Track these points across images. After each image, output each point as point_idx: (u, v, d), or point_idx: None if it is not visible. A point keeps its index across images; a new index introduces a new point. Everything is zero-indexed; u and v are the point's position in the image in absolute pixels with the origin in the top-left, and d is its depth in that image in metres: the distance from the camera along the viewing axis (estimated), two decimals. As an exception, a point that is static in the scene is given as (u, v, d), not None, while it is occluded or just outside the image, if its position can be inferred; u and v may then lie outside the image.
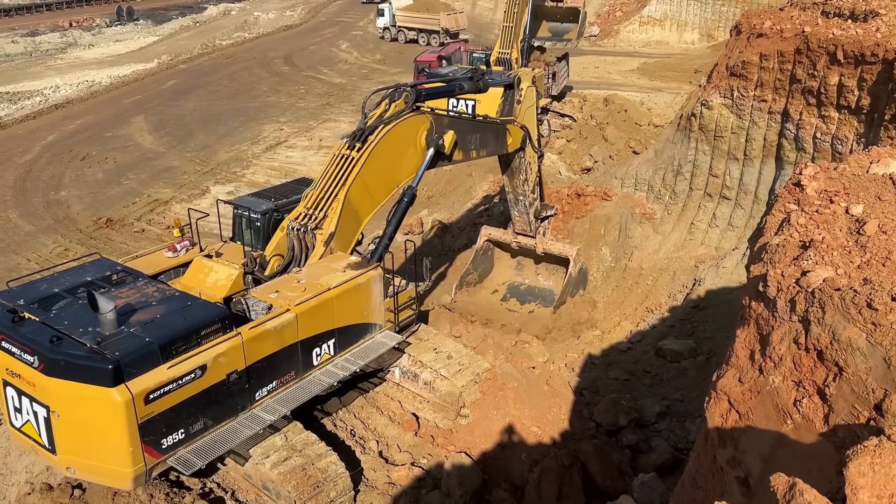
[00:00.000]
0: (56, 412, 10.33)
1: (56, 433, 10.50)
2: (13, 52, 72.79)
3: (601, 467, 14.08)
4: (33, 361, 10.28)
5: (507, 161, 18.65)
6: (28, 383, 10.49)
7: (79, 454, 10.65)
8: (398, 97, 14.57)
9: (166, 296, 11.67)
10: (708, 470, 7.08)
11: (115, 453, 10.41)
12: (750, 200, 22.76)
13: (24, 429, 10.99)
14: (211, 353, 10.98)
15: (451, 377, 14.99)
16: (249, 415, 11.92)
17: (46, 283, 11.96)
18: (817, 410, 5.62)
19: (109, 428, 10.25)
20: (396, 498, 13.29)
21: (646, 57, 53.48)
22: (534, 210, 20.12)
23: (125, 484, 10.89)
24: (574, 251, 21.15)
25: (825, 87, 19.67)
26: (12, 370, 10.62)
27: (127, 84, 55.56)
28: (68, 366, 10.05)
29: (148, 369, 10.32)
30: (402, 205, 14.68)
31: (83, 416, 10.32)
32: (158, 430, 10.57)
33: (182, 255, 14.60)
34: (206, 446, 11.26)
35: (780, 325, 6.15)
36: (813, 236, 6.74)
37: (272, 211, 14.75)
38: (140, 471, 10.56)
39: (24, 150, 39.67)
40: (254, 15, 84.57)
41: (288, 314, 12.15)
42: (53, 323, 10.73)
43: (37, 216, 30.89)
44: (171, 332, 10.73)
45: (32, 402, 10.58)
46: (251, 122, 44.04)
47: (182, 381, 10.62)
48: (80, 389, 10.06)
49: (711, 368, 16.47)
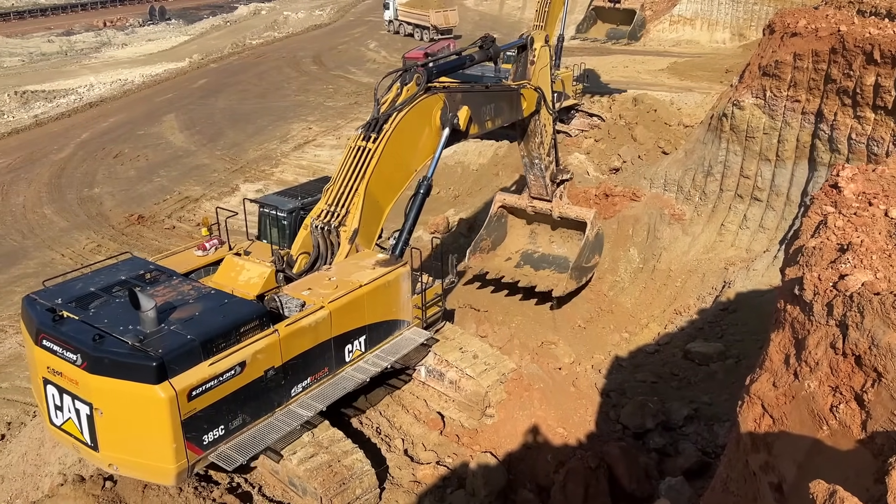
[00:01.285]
0: (99, 409, 10.39)
1: (99, 430, 10.55)
2: (49, 51, 74.20)
3: (628, 470, 13.96)
4: (76, 359, 10.34)
5: (523, 126, 18.21)
6: (70, 381, 10.54)
7: (121, 451, 10.71)
8: (409, 79, 14.21)
9: (202, 294, 11.76)
10: (740, 475, 6.98)
11: (159, 450, 10.46)
12: (782, 202, 22.41)
13: (66, 426, 11.06)
14: (250, 350, 11.05)
15: (477, 377, 14.96)
16: (286, 411, 12.02)
17: (82, 281, 12.08)
18: (854, 416, 5.51)
19: (153, 425, 10.31)
20: (421, 496, 13.30)
21: (676, 56, 52.87)
22: (549, 173, 19.65)
23: (168, 480, 10.94)
24: (591, 214, 20.56)
25: (861, 88, 19.30)
26: (54, 368, 10.69)
27: (159, 83, 56.32)
28: (112, 363, 10.12)
29: (190, 366, 10.38)
30: (418, 197, 14.46)
31: (126, 413, 10.38)
32: (200, 426, 10.64)
33: (212, 254, 14.70)
34: (246, 442, 11.35)
35: (816, 329, 6.04)
36: (851, 239, 6.62)
37: (299, 209, 14.83)
38: (183, 467, 10.63)
39: (59, 148, 40.41)
40: (283, 14, 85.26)
41: (322, 311, 12.23)
42: (93, 321, 10.81)
43: (71, 212, 31.44)
44: (211, 329, 10.81)
45: (74, 399, 10.63)
46: (280, 120, 44.40)
47: (223, 378, 10.69)
48: (123, 387, 10.13)
49: (741, 372, 16.26)
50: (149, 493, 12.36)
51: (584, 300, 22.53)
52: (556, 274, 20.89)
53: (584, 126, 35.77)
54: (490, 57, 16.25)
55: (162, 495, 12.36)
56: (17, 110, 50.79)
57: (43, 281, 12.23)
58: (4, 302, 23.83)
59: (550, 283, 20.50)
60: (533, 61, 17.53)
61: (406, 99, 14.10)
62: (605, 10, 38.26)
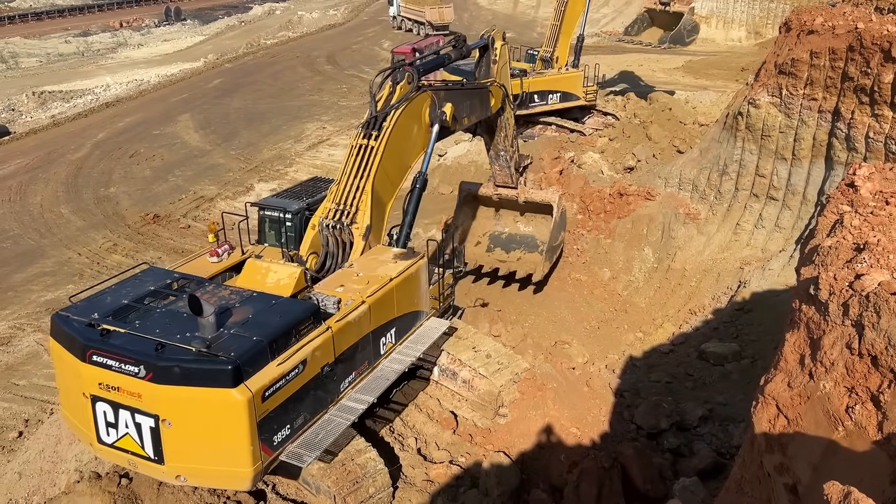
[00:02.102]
0: (167, 420, 10.10)
1: (165, 442, 10.25)
2: (66, 51, 74.96)
3: (641, 470, 13.91)
4: (138, 371, 9.99)
5: (489, 122, 18.79)
6: (131, 395, 10.17)
7: (192, 460, 10.44)
8: (401, 78, 14.56)
9: (245, 297, 11.66)
10: (754, 476, 6.94)
11: (235, 454, 10.27)
12: (798, 201, 22.22)
13: (120, 444, 10.65)
14: (309, 348, 11.05)
15: (490, 376, 14.96)
16: (339, 406, 12.07)
17: (109, 295, 11.72)
18: (871, 417, 5.46)
19: (230, 429, 10.10)
20: (434, 495, 13.31)
21: (691, 55, 52.59)
22: (514, 163, 20.31)
23: (244, 484, 10.78)
24: (556, 196, 21.13)
25: (879, 86, 19.10)
26: (108, 384, 10.29)
27: (174, 83, 56.72)
28: (182, 371, 9.85)
29: (261, 367, 10.27)
30: (415, 191, 14.88)
31: (199, 420, 10.12)
32: (272, 427, 10.55)
33: (226, 260, 14.63)
34: (310, 440, 11.32)
35: (832, 329, 5.99)
36: (868, 238, 6.55)
37: (304, 210, 14.91)
38: (258, 469, 10.51)
39: (76, 148, 40.80)
40: (298, 14, 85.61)
41: (363, 306, 12.33)
42: (143, 332, 10.49)
43: (87, 212, 31.74)
44: (275, 329, 10.72)
45: (135, 413, 10.28)
46: (294, 120, 44.58)
47: (289, 377, 10.62)
48: (196, 394, 9.89)
49: (756, 372, 16.15)
50: (164, 491, 12.45)
51: (598, 300, 22.48)
52: (526, 254, 21.60)
53: (599, 125, 35.61)
54: (463, 55, 16.82)
55: (177, 493, 12.45)
56: (35, 110, 51.36)
57: (69, 297, 11.92)
58: (22, 300, 24.10)
59: (527, 267, 21.13)
60: (495, 60, 18.05)
61: (401, 97, 14.40)
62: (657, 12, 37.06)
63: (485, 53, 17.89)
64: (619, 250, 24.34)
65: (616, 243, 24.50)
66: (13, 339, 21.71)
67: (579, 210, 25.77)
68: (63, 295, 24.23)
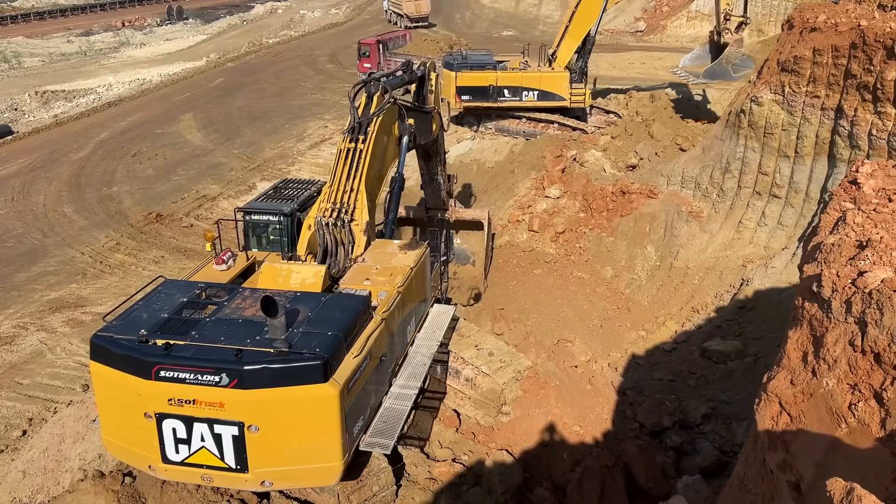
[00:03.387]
0: (253, 426, 9.94)
1: (250, 449, 10.07)
2: (69, 51, 75.11)
3: (644, 468, 13.93)
4: (220, 380, 9.76)
5: (425, 148, 19.55)
6: (211, 405, 9.91)
7: (279, 463, 10.30)
8: (374, 89, 15.18)
9: (289, 297, 11.57)
10: (757, 473, 6.94)
11: (325, 449, 10.25)
12: (801, 199, 22.19)
13: (194, 459, 10.32)
14: (372, 339, 11.13)
15: (493, 374, 14.99)
16: (393, 395, 12.29)
17: (143, 310, 11.29)
18: (874, 415, 5.46)
19: (322, 424, 10.07)
20: (438, 494, 13.33)
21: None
22: (446, 189, 21.11)
23: (333, 479, 10.77)
24: (485, 213, 21.94)
25: (882, 83, 19.06)
26: (181, 398, 9.94)
27: (176, 82, 56.78)
28: (271, 373, 9.74)
29: (341, 360, 10.33)
30: (394, 191, 15.61)
31: (289, 420, 10.03)
32: (353, 418, 10.63)
33: (233, 266, 14.50)
34: (382, 428, 11.43)
35: (834, 326, 5.99)
36: (870, 236, 6.55)
37: (296, 211, 15.01)
38: (347, 462, 10.52)
39: (79, 147, 40.86)
40: (300, 13, 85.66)
41: (398, 297, 12.51)
42: (205, 342, 10.28)
43: (90, 211, 31.78)
44: (343, 323, 10.76)
45: (213, 425, 10.03)
46: (296, 119, 44.60)
47: (362, 369, 10.70)
48: (287, 394, 9.81)
49: (759, 370, 16.14)
50: (167, 489, 12.49)
51: (600, 298, 22.49)
52: (460, 267, 22.34)
53: (601, 123, 35.56)
54: (411, 80, 17.61)
55: (180, 491, 12.47)
56: (38, 110, 51.46)
57: (103, 317, 11.42)
58: (26, 299, 24.15)
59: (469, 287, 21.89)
60: (431, 90, 18.91)
61: (379, 106, 15.00)
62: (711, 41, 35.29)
63: (423, 84, 18.58)
64: (622, 248, 24.34)
65: (618, 241, 24.50)
66: (17, 338, 21.75)
67: (581, 208, 25.77)
68: (66, 294, 24.29)
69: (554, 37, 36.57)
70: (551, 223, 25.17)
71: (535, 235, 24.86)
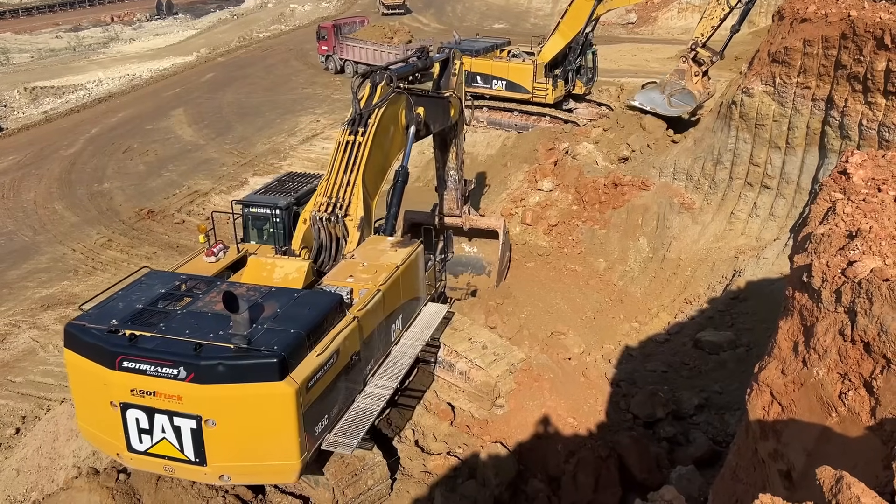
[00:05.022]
0: (210, 420, 10.00)
1: (208, 443, 10.14)
2: (58, 47, 74.56)
3: (638, 459, 14.00)
4: (178, 373, 9.84)
5: (443, 136, 19.42)
6: (170, 398, 9.99)
7: (236, 459, 10.36)
8: (379, 80, 15.01)
9: (265, 292, 11.59)
10: (749, 463, 6.99)
11: (282, 448, 10.24)
12: (792, 190, 22.27)
13: (155, 450, 10.46)
14: (341, 338, 11.08)
15: (487, 367, 15.03)
16: (364, 394, 12.12)
17: (120, 301, 11.47)
18: (864, 403, 5.50)
19: (279, 422, 10.06)
20: (432, 487, 13.37)
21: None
22: (461, 187, 20.57)
23: (291, 477, 10.79)
24: (501, 222, 21.11)
25: (872, 73, 19.12)
26: (143, 390, 10.08)
27: (167, 77, 56.45)
28: (227, 369, 9.78)
29: (302, 358, 10.28)
30: (398, 185, 15.15)
31: (245, 417, 10.05)
32: (314, 417, 10.57)
33: (222, 258, 14.55)
34: (346, 428, 11.34)
35: (825, 316, 6.03)
36: (860, 225, 6.58)
37: (293, 205, 14.95)
38: (305, 460, 10.51)
39: (69, 143, 40.62)
40: (290, 7, 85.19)
41: (379, 294, 12.39)
42: (173, 334, 10.38)
43: (81, 207, 31.62)
44: (308, 321, 10.71)
45: (172, 417, 10.13)
46: (288, 114, 44.42)
47: (326, 367, 10.65)
48: (242, 390, 9.83)
49: (751, 361, 16.20)
50: (162, 486, 12.49)
51: (593, 290, 22.53)
52: (474, 277, 21.38)
53: (593, 115, 35.57)
54: (426, 67, 17.39)
55: (175, 487, 12.48)
56: (27, 106, 51.12)
57: (80, 305, 11.64)
58: (17, 297, 24.04)
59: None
60: (455, 73, 18.85)
61: (382, 97, 14.79)
62: None
63: (446, 67, 18.71)
64: (615, 241, 24.38)
65: (611, 234, 24.55)
66: (9, 335, 21.66)
67: (574, 201, 25.79)
68: (58, 292, 24.19)
69: (544, 29, 36.56)
70: (544, 216, 25.18)
71: (527, 228, 24.89)
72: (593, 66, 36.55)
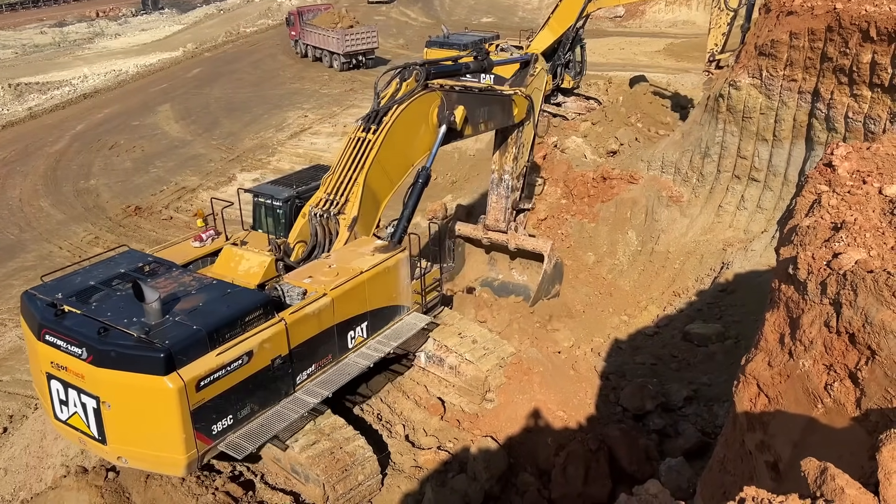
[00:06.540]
0: (106, 402, 10.35)
1: (107, 424, 10.52)
2: (42, 42, 73.84)
3: (628, 452, 14.04)
4: (81, 353, 10.28)
5: (505, 134, 18.42)
6: (76, 375, 10.48)
7: (131, 443, 10.68)
8: (408, 76, 14.49)
9: (204, 284, 11.73)
10: (736, 454, 7.03)
11: (168, 441, 10.46)
12: (779, 182, 22.38)
13: (71, 421, 11.00)
14: (257, 339, 11.09)
15: (477, 361, 15.02)
16: (292, 399, 12.07)
17: (80, 276, 11.97)
18: (849, 394, 5.54)
19: (162, 416, 10.28)
20: (423, 481, 13.37)
21: (672, 37, 52.64)
22: (513, 199, 19.32)
23: (178, 471, 10.97)
24: (548, 246, 19.57)
25: (857, 66, 19.22)
26: (58, 363, 10.62)
27: (153, 73, 56.06)
28: (119, 356, 10.07)
29: (197, 357, 10.38)
30: (417, 186, 14.50)
31: (135, 405, 10.33)
32: (209, 416, 10.65)
33: (208, 245, 14.69)
34: (255, 431, 11.39)
35: (810, 308, 6.06)
36: (845, 217, 6.61)
37: (294, 198, 14.86)
38: (193, 457, 10.65)
39: (55, 140, 40.28)
40: (277, 2, 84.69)
41: (325, 298, 12.27)
42: (96, 315, 10.74)
43: (67, 204, 31.39)
44: (217, 319, 10.78)
45: (80, 393, 10.58)
46: (275, 109, 44.23)
47: (230, 368, 10.70)
48: (131, 379, 10.09)
49: (739, 353, 16.27)
50: (151, 483, 12.43)
51: (583, 283, 22.57)
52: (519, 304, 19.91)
53: (582, 109, 35.58)
54: (483, 69, 16.57)
55: (164, 485, 12.42)
56: (12, 103, 50.60)
57: (41, 276, 12.15)
58: (3, 296, 23.85)
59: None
60: (533, 74, 18.22)
61: (406, 93, 14.29)
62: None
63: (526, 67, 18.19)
64: (604, 234, 24.45)
65: (600, 227, 24.60)
66: (-5, 334, 21.53)
67: (563, 195, 25.81)
68: (45, 289, 24.01)
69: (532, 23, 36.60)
70: (533, 210, 25.19)
71: (516, 222, 24.84)
72: (582, 59, 36.48)
